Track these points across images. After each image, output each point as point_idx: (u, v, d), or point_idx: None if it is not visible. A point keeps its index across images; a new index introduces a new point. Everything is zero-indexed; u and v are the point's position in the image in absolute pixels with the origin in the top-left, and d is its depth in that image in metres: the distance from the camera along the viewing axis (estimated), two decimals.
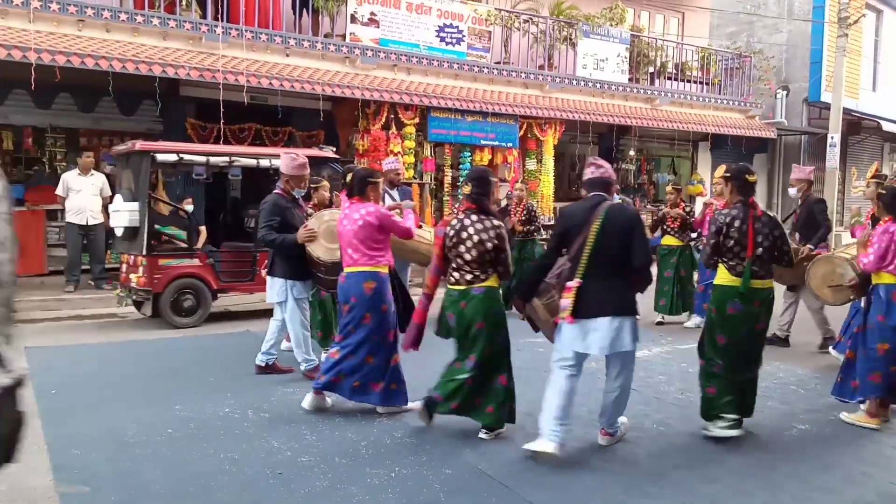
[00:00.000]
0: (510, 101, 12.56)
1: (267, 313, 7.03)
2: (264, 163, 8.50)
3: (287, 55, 10.77)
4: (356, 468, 4.11)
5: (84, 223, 9.47)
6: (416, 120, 11.64)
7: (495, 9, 12.97)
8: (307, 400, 5.08)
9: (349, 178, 4.98)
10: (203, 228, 10.51)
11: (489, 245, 4.40)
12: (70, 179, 9.47)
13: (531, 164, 13.25)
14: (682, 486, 3.99)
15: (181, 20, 9.95)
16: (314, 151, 9.05)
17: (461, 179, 12.26)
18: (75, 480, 3.86)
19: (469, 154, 12.38)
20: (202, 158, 8.32)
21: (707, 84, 16.32)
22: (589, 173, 4.40)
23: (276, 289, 5.76)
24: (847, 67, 16.71)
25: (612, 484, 3.99)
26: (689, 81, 16.07)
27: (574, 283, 4.14)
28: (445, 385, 4.59)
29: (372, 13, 11.54)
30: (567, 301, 4.17)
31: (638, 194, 15.83)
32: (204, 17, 10.22)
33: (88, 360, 6.51)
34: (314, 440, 4.54)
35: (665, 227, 8.90)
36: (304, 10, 11.20)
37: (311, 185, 6.50)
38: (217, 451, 4.29)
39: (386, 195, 7.68)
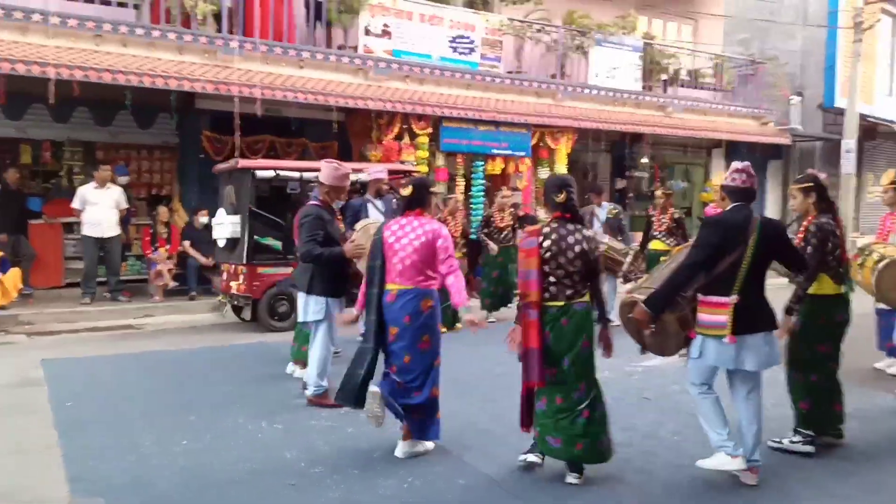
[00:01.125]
0: (522, 111, 12.57)
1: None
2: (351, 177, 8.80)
3: (301, 67, 10.85)
4: (369, 479, 4.12)
5: (100, 236, 9.57)
6: (429, 130, 11.67)
7: (508, 19, 13.00)
8: (399, 449, 4.49)
9: (409, 189, 4.59)
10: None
11: (591, 256, 4.05)
12: (86, 192, 9.58)
13: (543, 173, 13.22)
14: (699, 496, 3.96)
15: (197, 34, 10.06)
16: (395, 165, 9.60)
17: (473, 189, 12.29)
18: (92, 492, 3.90)
19: (482, 163, 12.38)
20: (296, 174, 8.79)
21: (720, 91, 16.24)
22: (731, 181, 4.15)
23: (313, 307, 5.43)
24: (862, 72, 16.58)
25: (626, 495, 3.97)
26: (702, 88, 16.00)
27: (732, 300, 3.93)
28: (557, 425, 4.02)
29: (385, 25, 11.61)
30: (724, 318, 3.94)
31: (651, 202, 15.74)
32: (219, 31, 10.32)
33: (104, 372, 6.57)
34: (327, 451, 4.56)
35: (652, 231, 8.94)
36: (318, 23, 11.29)
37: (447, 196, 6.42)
38: (232, 462, 4.32)
39: (369, 205, 7.67)
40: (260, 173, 8.59)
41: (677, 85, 15.58)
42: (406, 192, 4.59)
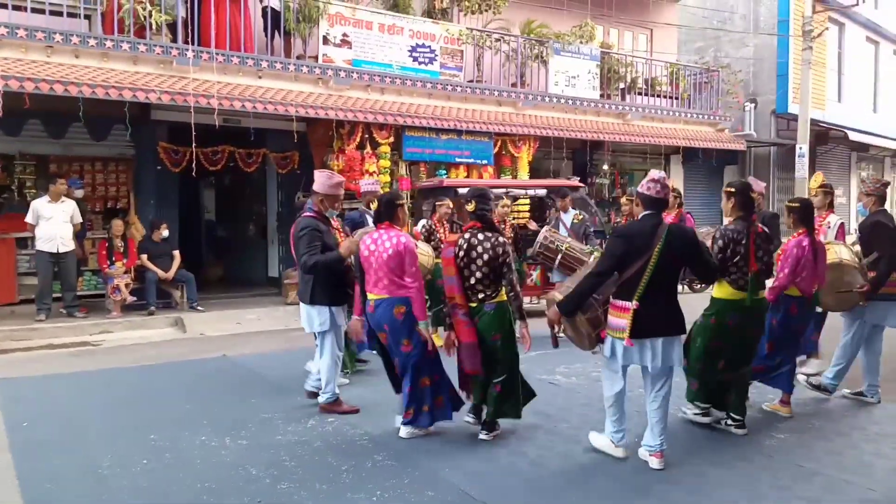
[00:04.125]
0: (484, 119, 12.62)
1: (240, 338, 6.96)
2: (530, 192, 10.96)
3: (259, 77, 10.74)
4: (337, 493, 4.05)
5: (55, 251, 9.31)
6: (391, 139, 11.65)
7: (467, 28, 13.06)
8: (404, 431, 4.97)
9: (376, 203, 4.97)
10: (177, 253, 10.44)
11: (498, 262, 4.63)
12: (40, 207, 9.32)
13: (507, 181, 13.29)
14: (667, 499, 3.98)
15: (151, 44, 9.88)
16: (561, 181, 10.60)
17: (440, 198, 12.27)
18: None
19: (444, 172, 12.40)
20: (519, 191, 10.76)
21: (677, 99, 16.54)
22: (645, 189, 4.36)
23: (317, 317, 5.43)
24: (813, 79, 17.06)
25: (596, 499, 3.98)
26: (659, 96, 16.28)
27: (632, 306, 4.21)
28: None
29: (344, 34, 11.56)
30: (624, 322, 4.26)
31: (613, 208, 15.93)
32: (174, 40, 10.16)
33: (61, 391, 6.37)
34: (293, 466, 4.47)
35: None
36: (276, 33, 11.19)
37: (437, 203, 6.85)
38: (195, 481, 4.21)
39: (367, 216, 7.64)
40: (462, 190, 9.85)
41: (635, 93, 15.82)
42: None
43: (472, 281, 4.66)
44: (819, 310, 5.93)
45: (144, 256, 10.06)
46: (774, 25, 19.02)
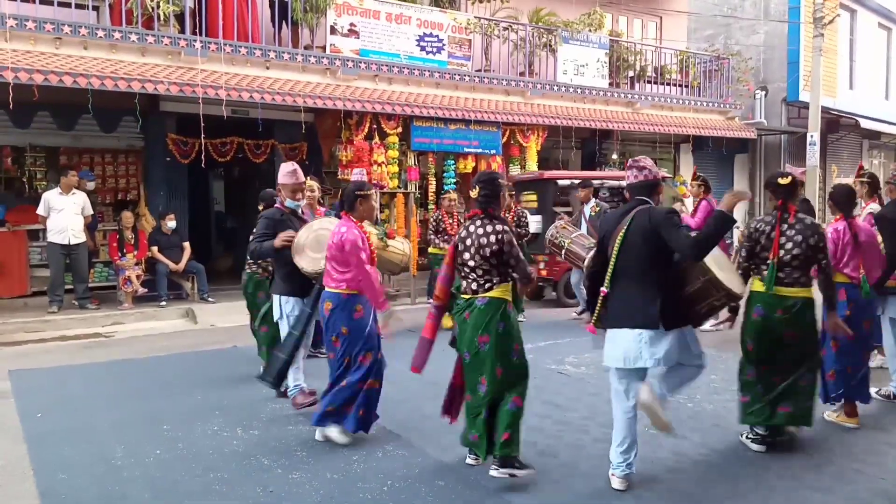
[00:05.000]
0: (492, 109, 12.58)
1: (250, 329, 6.99)
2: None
3: (267, 68, 10.73)
4: (348, 483, 4.07)
5: (66, 242, 9.37)
6: (399, 129, 11.63)
7: (475, 17, 13.00)
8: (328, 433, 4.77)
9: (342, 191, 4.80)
10: (187, 244, 10.48)
11: (487, 251, 4.02)
12: (51, 199, 9.37)
13: (515, 171, 13.26)
14: (675, 489, 3.99)
15: (159, 35, 9.89)
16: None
17: (445, 188, 12.28)
18: None
19: (453, 162, 12.38)
20: (614, 182, 10.85)
21: (686, 87, 16.42)
22: (629, 178, 4.11)
23: (276, 308, 5.44)
24: (824, 67, 16.89)
25: (605, 489, 3.98)
26: (668, 84, 16.17)
27: (602, 290, 3.97)
28: (471, 421, 4.19)
29: (352, 24, 11.53)
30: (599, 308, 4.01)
31: (622, 198, 15.87)
32: (182, 31, 10.16)
33: (73, 382, 6.42)
34: (304, 456, 4.50)
35: None
36: (284, 23, 11.17)
37: (442, 195, 6.53)
38: (207, 471, 4.24)
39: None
40: (561, 182, 10.93)
41: (644, 81, 15.72)
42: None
43: (466, 271, 4.16)
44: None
45: (155, 248, 10.10)
46: (785, 12, 18.82)
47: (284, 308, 5.35)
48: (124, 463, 4.40)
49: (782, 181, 4.52)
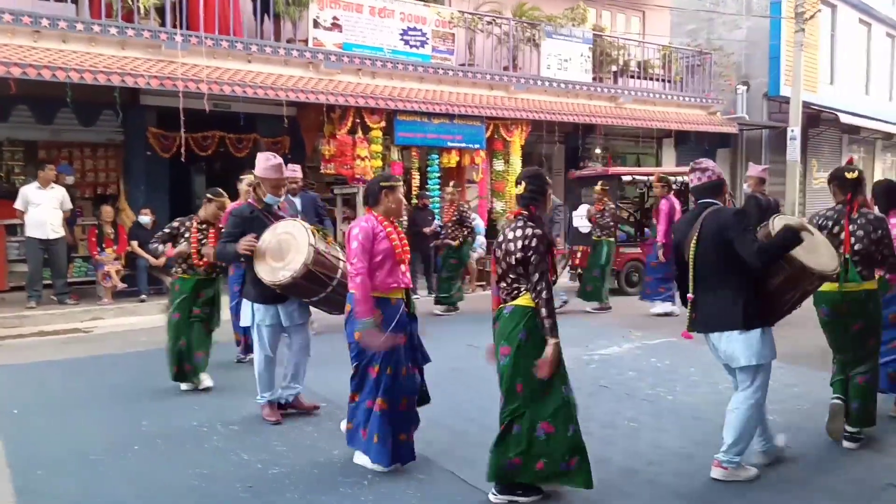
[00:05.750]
0: (476, 103, 12.57)
1: (231, 324, 6.95)
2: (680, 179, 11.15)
3: (249, 61, 10.66)
4: (328, 477, 4.07)
5: (45, 237, 9.26)
6: (383, 124, 11.59)
7: (458, 11, 12.98)
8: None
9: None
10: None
11: (513, 259, 3.64)
12: (29, 193, 9.26)
13: (499, 165, 13.26)
14: (656, 482, 4.01)
15: (139, 29, 9.78)
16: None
17: (430, 181, 12.27)
18: (40, 503, 3.77)
19: (437, 156, 12.36)
20: (644, 178, 11.98)
21: (669, 81, 16.49)
22: (692, 181, 4.10)
23: (244, 312, 5.02)
24: (805, 62, 17.03)
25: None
26: (651, 79, 16.22)
27: (690, 297, 4.00)
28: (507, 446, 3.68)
29: (334, 17, 11.47)
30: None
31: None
32: (163, 25, 10.06)
33: (52, 378, 6.37)
34: (285, 451, 4.49)
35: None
36: (266, 16, 11.09)
37: (206, 198, 5.95)
38: (186, 467, 4.22)
39: (290, 204, 7.55)
40: (625, 178, 11.89)
41: (627, 76, 15.77)
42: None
43: (496, 278, 3.82)
44: None
45: (135, 243, 10.01)
46: (767, 7, 18.94)
47: (256, 315, 4.89)
48: (102, 458, 4.37)
49: (850, 175, 4.49)
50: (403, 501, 3.77)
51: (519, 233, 3.66)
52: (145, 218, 10.12)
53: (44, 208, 9.26)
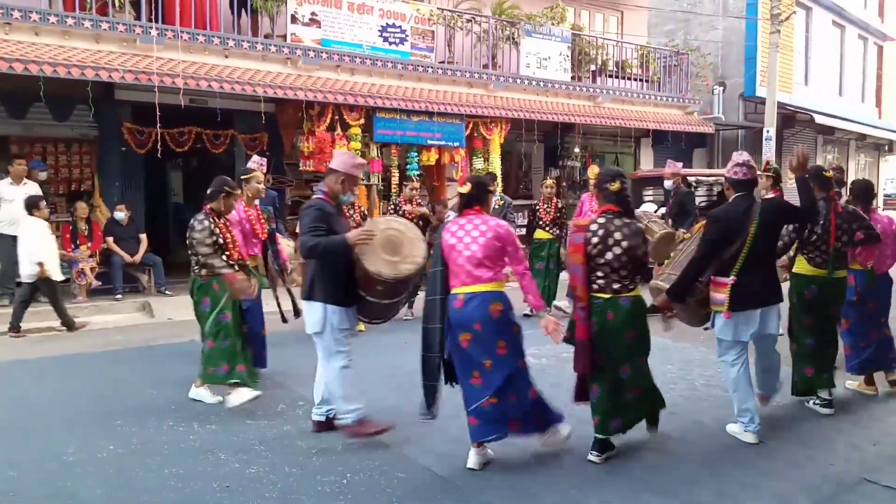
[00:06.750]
0: (455, 101, 12.56)
1: None
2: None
3: (226, 56, 10.54)
4: (306, 477, 4.04)
5: (17, 234, 9.08)
6: (362, 121, 11.53)
7: (438, 8, 12.95)
8: (471, 458, 4.17)
9: (468, 186, 4.24)
10: (144, 236, 10.27)
11: (641, 251, 4.21)
12: (1, 189, 9.07)
13: (478, 163, 13.26)
14: (633, 476, 4.04)
15: (114, 22, 9.63)
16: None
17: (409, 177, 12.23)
18: None
19: (416, 154, 12.33)
20: (710, 179, 13.17)
21: (647, 81, 16.61)
22: (733, 174, 4.60)
23: (310, 316, 4.55)
24: (780, 63, 17.24)
25: (563, 478, 4.02)
26: (629, 79, 16.32)
27: (730, 281, 4.44)
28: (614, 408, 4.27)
29: (313, 13, 11.39)
30: (722, 297, 4.48)
31: (584, 191, 15.99)
32: (138, 18, 9.91)
33: (25, 377, 6.25)
34: (262, 450, 4.45)
35: (538, 221, 9.36)
36: (243, 11, 10.97)
37: (242, 177, 6.00)
38: (161, 467, 4.17)
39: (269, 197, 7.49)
40: (692, 178, 12.63)
41: (606, 76, 15.85)
42: (465, 189, 4.28)
43: (608, 270, 4.15)
44: None
45: (110, 239, 9.87)
46: (743, 9, 19.16)
47: (333, 319, 4.50)
48: (77, 459, 4.30)
49: (827, 174, 5.17)
50: (383, 500, 3.75)
51: (634, 227, 4.22)
52: (120, 214, 9.97)
53: (16, 205, 9.06)
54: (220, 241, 5.32)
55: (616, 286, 4.17)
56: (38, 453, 4.39)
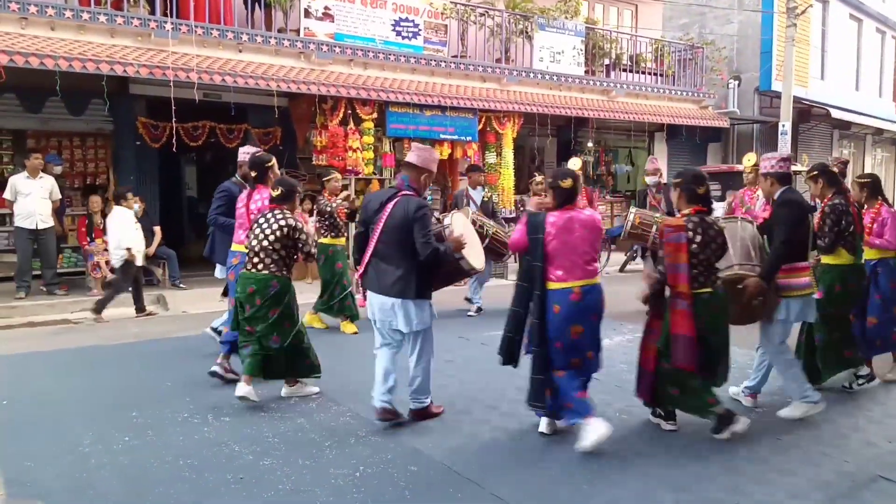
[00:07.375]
0: (468, 95, 12.53)
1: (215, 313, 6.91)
2: None
3: (240, 51, 10.58)
4: (320, 469, 4.06)
5: (34, 227, 9.18)
6: (375, 115, 11.55)
7: (451, 2, 12.92)
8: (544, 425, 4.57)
9: (567, 181, 4.35)
10: (158, 229, 10.33)
11: (723, 249, 4.58)
12: (18, 182, 9.17)
13: (491, 158, 13.25)
14: (646, 472, 4.03)
15: (129, 17, 9.69)
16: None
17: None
18: (29, 495, 3.75)
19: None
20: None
21: (661, 75, 16.51)
22: (779, 168, 4.98)
23: (417, 314, 4.60)
24: (796, 56, 17.07)
25: (577, 473, 4.01)
26: (643, 73, 16.23)
27: (811, 263, 4.91)
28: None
29: (326, 7, 11.40)
30: (807, 279, 4.83)
31: (597, 185, 15.96)
32: (153, 13, 9.97)
33: (41, 369, 6.31)
34: (276, 442, 4.47)
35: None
36: (257, 5, 11.00)
37: (324, 179, 7.09)
38: (176, 458, 4.20)
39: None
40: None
41: (619, 70, 15.76)
42: (566, 184, 4.36)
43: (707, 266, 4.41)
44: None
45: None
46: (759, 2, 18.98)
47: (433, 312, 4.75)
48: (92, 450, 4.34)
49: (836, 169, 5.60)
50: (395, 493, 3.77)
51: (717, 224, 4.50)
52: (134, 207, 10.03)
53: (32, 198, 9.17)
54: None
55: (713, 279, 4.46)
56: (55, 444, 4.44)
